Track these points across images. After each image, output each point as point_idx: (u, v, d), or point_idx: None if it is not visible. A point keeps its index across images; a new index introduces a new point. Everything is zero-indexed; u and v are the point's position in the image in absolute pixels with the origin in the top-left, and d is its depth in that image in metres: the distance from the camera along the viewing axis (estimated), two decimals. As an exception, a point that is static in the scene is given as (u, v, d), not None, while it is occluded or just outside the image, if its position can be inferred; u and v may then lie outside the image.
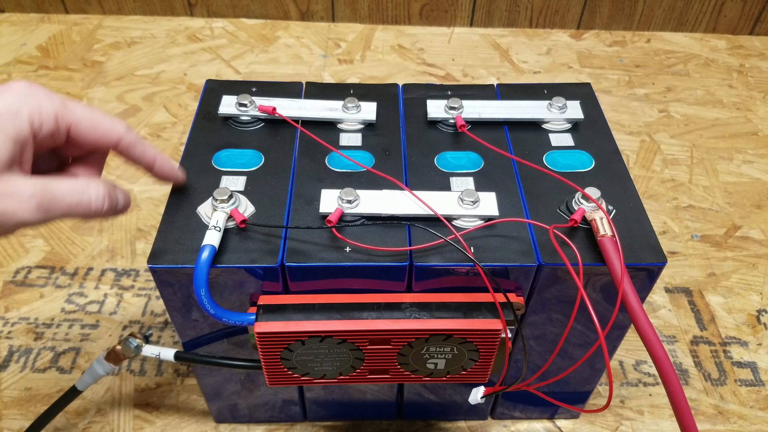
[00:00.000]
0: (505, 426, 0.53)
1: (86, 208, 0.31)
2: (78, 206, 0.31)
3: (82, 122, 0.32)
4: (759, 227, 0.70)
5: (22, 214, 0.28)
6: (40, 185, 0.29)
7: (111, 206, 0.33)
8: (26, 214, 0.28)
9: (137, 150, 0.35)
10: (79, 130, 0.32)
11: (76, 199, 0.31)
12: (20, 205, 0.28)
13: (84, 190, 0.31)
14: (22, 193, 0.28)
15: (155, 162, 0.36)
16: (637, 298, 0.34)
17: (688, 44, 0.98)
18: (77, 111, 0.32)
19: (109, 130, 0.33)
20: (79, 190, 0.31)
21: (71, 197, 0.30)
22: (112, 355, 0.43)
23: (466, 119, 0.45)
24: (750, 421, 0.54)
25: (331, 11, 0.98)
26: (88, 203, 0.31)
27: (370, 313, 0.36)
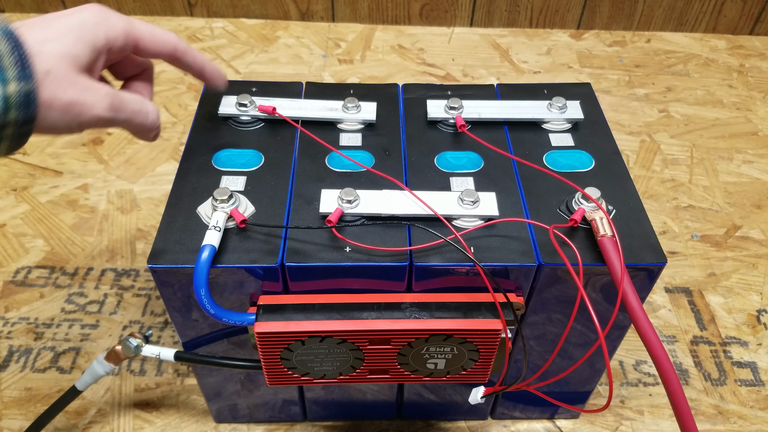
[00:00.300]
0: (505, 426, 0.53)
1: (145, 118, 0.36)
2: (139, 114, 0.35)
3: (145, 36, 0.36)
4: (759, 227, 0.70)
5: (97, 109, 0.33)
6: (112, 89, 0.34)
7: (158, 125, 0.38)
8: (101, 108, 0.33)
9: (189, 57, 0.39)
10: (143, 40, 0.36)
11: (138, 107, 0.35)
12: (97, 100, 0.32)
13: (143, 101, 0.36)
14: (99, 90, 0.33)
15: (205, 68, 0.40)
16: (637, 298, 0.34)
17: (688, 44, 0.98)
18: (141, 27, 0.36)
19: (166, 39, 0.37)
20: (140, 100, 0.36)
21: (135, 105, 0.35)
22: (112, 355, 0.43)
23: (466, 119, 0.45)
24: (750, 421, 0.54)
25: (331, 11, 0.98)
26: (146, 113, 0.36)
27: (370, 313, 0.36)
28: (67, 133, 0.34)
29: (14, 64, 0.29)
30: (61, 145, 0.77)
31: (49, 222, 0.68)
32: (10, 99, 0.29)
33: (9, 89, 0.29)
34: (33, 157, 0.75)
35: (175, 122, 0.80)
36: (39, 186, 0.71)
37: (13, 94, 0.29)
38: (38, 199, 0.70)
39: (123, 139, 0.78)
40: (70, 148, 0.76)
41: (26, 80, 0.30)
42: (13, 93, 0.29)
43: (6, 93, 0.29)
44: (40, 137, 0.77)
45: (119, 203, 0.70)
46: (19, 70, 0.29)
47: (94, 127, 0.34)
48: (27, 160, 0.74)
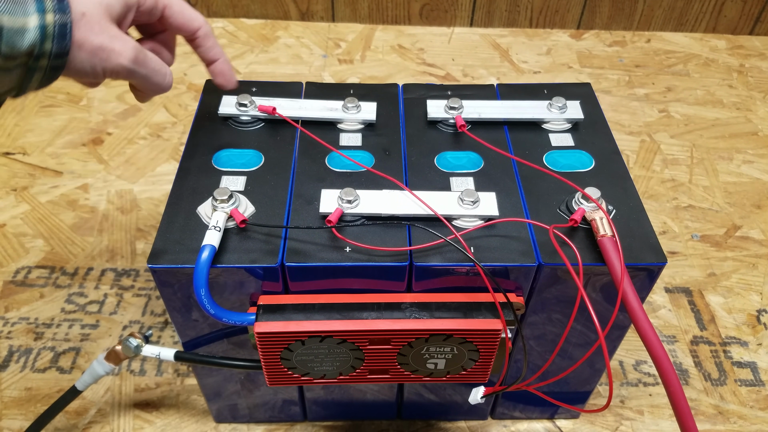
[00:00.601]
0: (505, 426, 0.53)
1: (162, 78, 0.38)
2: (158, 72, 0.37)
3: (174, 6, 0.38)
4: (759, 227, 0.70)
5: (123, 58, 0.34)
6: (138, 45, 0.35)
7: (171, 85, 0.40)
8: (126, 58, 0.34)
9: (207, 43, 0.41)
10: (171, 11, 0.38)
11: (159, 66, 0.37)
12: (124, 50, 0.34)
13: (163, 63, 0.38)
14: (127, 41, 0.34)
15: (217, 61, 0.42)
16: (637, 298, 0.34)
17: (688, 44, 0.98)
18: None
19: (193, 17, 0.39)
20: (160, 61, 0.37)
21: (155, 63, 0.37)
22: (112, 355, 0.43)
23: (466, 119, 0.45)
24: (750, 421, 0.54)
25: (331, 11, 0.98)
26: (165, 73, 0.38)
27: (370, 313, 0.36)
28: (91, 78, 0.35)
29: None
30: (61, 145, 0.77)
31: (49, 222, 0.68)
32: (48, 28, 0.31)
33: (47, 18, 0.31)
34: (33, 157, 0.75)
35: (175, 122, 0.80)
36: (39, 186, 0.71)
37: (50, 24, 0.31)
38: (38, 199, 0.70)
39: (123, 139, 0.78)
40: (70, 148, 0.76)
41: (63, 12, 0.31)
42: (50, 23, 0.31)
43: (44, 22, 0.31)
44: (40, 137, 0.77)
45: (119, 203, 0.70)
46: (57, 2, 0.31)
47: (115, 76, 0.35)
48: (27, 160, 0.75)
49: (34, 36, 0.31)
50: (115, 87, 0.85)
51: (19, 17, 0.30)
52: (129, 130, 0.79)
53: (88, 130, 0.79)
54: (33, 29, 0.30)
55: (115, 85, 0.85)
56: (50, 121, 0.80)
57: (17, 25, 0.30)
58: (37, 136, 0.78)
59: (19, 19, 0.30)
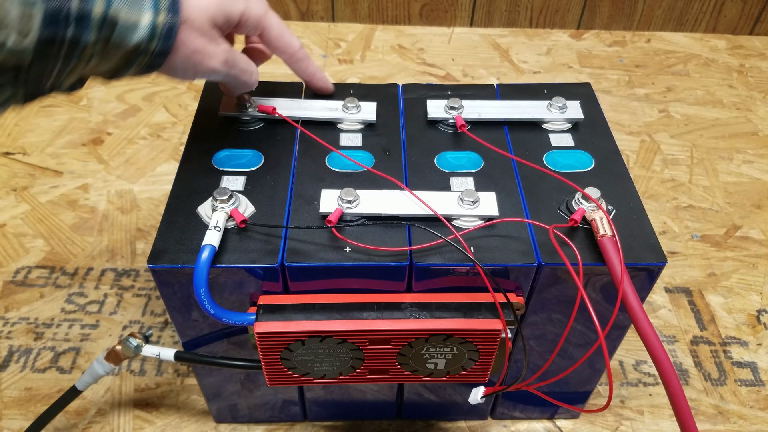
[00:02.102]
0: (505, 426, 0.53)
1: (249, 77, 0.40)
2: (246, 72, 0.40)
3: (273, 31, 0.41)
4: (759, 227, 0.70)
5: (215, 61, 0.36)
6: (230, 47, 0.38)
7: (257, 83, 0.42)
8: (217, 62, 0.37)
9: (303, 64, 0.44)
10: (269, 35, 0.41)
11: (247, 66, 0.40)
12: (217, 54, 0.36)
13: (251, 62, 0.40)
14: (221, 44, 0.37)
15: (314, 76, 0.46)
16: (637, 298, 0.34)
17: (688, 44, 0.98)
18: (273, 21, 0.40)
19: (289, 44, 0.42)
20: (248, 61, 0.40)
21: (244, 64, 0.39)
22: (112, 355, 0.43)
23: (466, 119, 0.45)
24: (750, 421, 0.54)
25: (331, 11, 0.98)
26: (251, 72, 0.40)
27: (370, 313, 0.36)
28: (182, 78, 0.36)
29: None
30: (61, 145, 0.77)
31: (49, 222, 0.68)
32: (158, 28, 0.32)
33: (159, 18, 0.32)
34: (33, 157, 0.75)
35: (175, 122, 0.80)
36: (39, 186, 0.71)
37: (161, 23, 0.32)
38: (38, 199, 0.70)
39: (123, 139, 0.78)
40: (70, 148, 0.76)
41: (174, 13, 0.32)
42: (161, 23, 0.32)
43: (156, 21, 0.31)
44: (40, 137, 0.77)
45: (119, 203, 0.70)
46: (171, 2, 0.32)
47: (207, 77, 0.38)
48: (27, 160, 0.75)
49: (144, 34, 0.31)
50: (116, 87, 0.85)
51: (135, 12, 0.31)
52: (129, 130, 0.79)
53: (88, 130, 0.79)
54: (144, 27, 0.31)
55: (115, 84, 0.86)
56: (50, 121, 0.80)
57: (131, 20, 0.30)
58: (37, 136, 0.78)
59: (134, 14, 0.31)
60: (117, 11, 0.30)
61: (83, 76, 0.33)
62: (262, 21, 0.39)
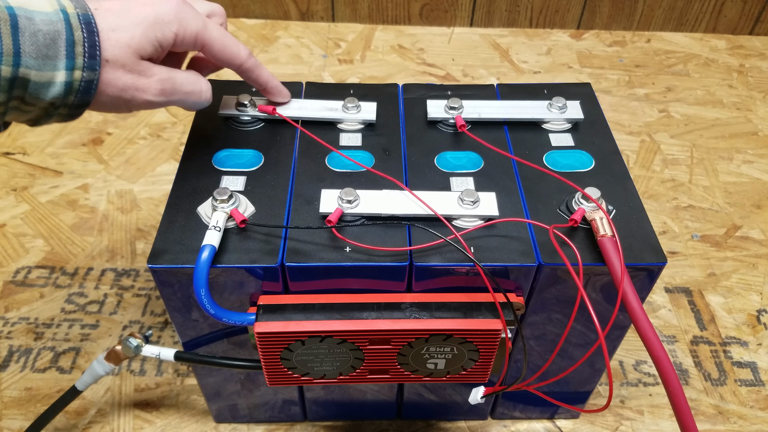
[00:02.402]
0: (505, 426, 0.53)
1: (198, 96, 0.38)
2: (192, 94, 0.37)
3: (215, 45, 0.38)
4: (759, 227, 0.70)
5: (148, 95, 0.35)
6: (166, 72, 0.36)
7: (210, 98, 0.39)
8: (151, 95, 0.35)
9: (254, 74, 0.41)
10: (211, 50, 0.38)
11: (191, 87, 0.37)
12: (149, 86, 0.34)
13: (196, 81, 0.38)
14: (153, 75, 0.35)
15: (267, 84, 0.43)
16: (637, 298, 0.34)
17: (688, 44, 0.98)
18: (213, 34, 0.37)
19: (234, 55, 0.39)
20: (193, 80, 0.37)
21: (187, 86, 0.37)
22: (112, 355, 0.43)
23: (466, 119, 0.45)
24: (750, 421, 0.54)
25: (331, 11, 0.98)
26: (200, 92, 0.38)
27: (370, 313, 0.36)
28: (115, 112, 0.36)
29: (83, 53, 0.31)
30: (61, 145, 0.77)
31: (49, 222, 0.68)
32: (74, 84, 0.31)
33: (74, 76, 0.31)
34: (33, 157, 0.75)
35: (175, 122, 0.80)
36: (39, 186, 0.71)
37: (77, 80, 0.31)
38: (38, 199, 0.70)
39: (123, 139, 0.78)
40: (70, 148, 0.76)
41: (92, 70, 0.32)
42: (77, 80, 0.31)
43: (71, 79, 0.31)
44: (40, 137, 0.77)
45: (119, 203, 0.70)
46: (87, 59, 0.31)
47: (145, 109, 0.36)
48: (27, 160, 0.75)
49: (59, 90, 0.31)
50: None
51: (47, 72, 0.30)
52: (129, 130, 0.79)
53: (88, 130, 0.79)
54: (59, 84, 0.31)
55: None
56: (50, 121, 0.80)
57: (44, 79, 0.30)
58: (37, 136, 0.78)
59: (47, 75, 0.30)
60: (27, 72, 0.30)
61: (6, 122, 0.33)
62: (200, 38, 0.36)
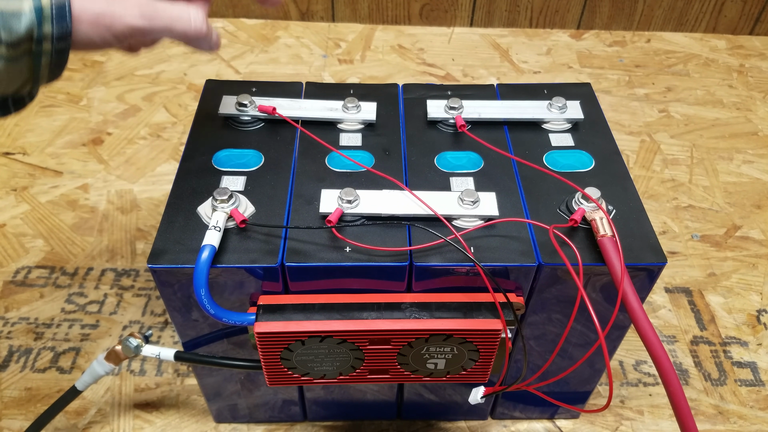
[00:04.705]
0: (505, 426, 0.53)
1: (186, 23, 0.34)
2: (179, 20, 0.34)
3: None
4: (759, 227, 0.70)
5: (128, 18, 0.32)
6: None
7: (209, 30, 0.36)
8: (131, 17, 0.32)
9: None
10: None
11: (176, 13, 0.34)
12: (126, 9, 0.32)
13: (184, 9, 0.34)
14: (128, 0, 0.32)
15: None
16: (637, 298, 0.34)
17: (688, 44, 0.98)
18: None
19: None
20: (179, 8, 0.34)
21: (172, 11, 0.34)
22: (112, 355, 0.43)
23: (466, 119, 0.45)
24: (750, 421, 0.54)
25: (331, 11, 0.98)
26: (188, 19, 0.34)
27: (370, 313, 0.36)
28: (107, 47, 0.33)
29: None
30: (61, 145, 0.77)
31: (49, 222, 0.68)
32: (44, 10, 0.29)
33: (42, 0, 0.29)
34: (33, 157, 0.75)
35: (175, 122, 0.80)
36: (39, 186, 0.71)
37: (46, 6, 0.29)
38: (38, 199, 0.70)
39: (123, 139, 0.78)
40: (70, 148, 0.76)
41: None
42: (46, 5, 0.29)
43: (39, 5, 0.29)
44: (40, 137, 0.77)
45: (119, 203, 0.70)
46: None
47: (133, 38, 0.33)
48: (27, 160, 0.75)
49: (31, 19, 0.29)
50: (115, 87, 0.85)
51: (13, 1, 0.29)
52: (129, 130, 0.79)
53: (88, 130, 0.79)
54: (29, 12, 0.29)
55: (115, 84, 0.86)
56: (50, 121, 0.80)
57: (11, 8, 0.29)
58: (37, 136, 0.78)
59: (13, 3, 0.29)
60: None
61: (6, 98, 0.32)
62: None
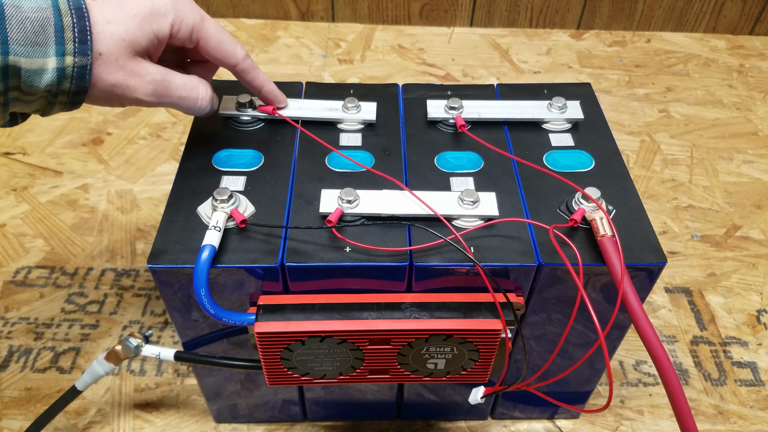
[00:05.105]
0: (505, 426, 0.53)
1: (193, 103, 0.37)
2: (187, 99, 0.37)
3: (211, 40, 0.37)
4: (759, 227, 0.70)
5: (139, 94, 0.34)
6: (161, 74, 0.35)
7: (211, 108, 0.39)
8: (142, 94, 0.34)
9: (249, 76, 0.41)
10: (207, 46, 0.37)
11: (186, 93, 0.37)
12: (141, 86, 0.34)
13: (195, 87, 0.37)
14: (146, 75, 0.34)
15: (262, 88, 0.42)
16: (637, 298, 0.34)
17: (688, 44, 0.98)
18: (210, 29, 0.37)
19: (230, 53, 0.39)
20: (191, 86, 0.37)
21: (182, 91, 0.36)
22: (112, 355, 0.43)
23: (466, 119, 0.45)
24: (750, 421, 0.54)
25: (331, 11, 0.98)
26: (195, 98, 0.37)
27: (370, 313, 0.36)
28: (109, 106, 0.35)
29: (73, 39, 0.31)
30: (61, 145, 0.77)
31: (49, 222, 0.68)
32: (66, 70, 0.31)
33: (66, 62, 0.31)
34: (33, 157, 0.75)
35: (175, 122, 0.80)
36: (39, 186, 0.71)
37: (69, 66, 0.31)
38: (38, 199, 0.70)
39: (123, 139, 0.78)
40: (70, 148, 0.76)
41: (83, 56, 0.32)
42: (69, 65, 0.31)
43: (63, 65, 0.31)
44: (40, 137, 0.77)
45: (119, 203, 0.70)
46: (78, 45, 0.31)
47: (140, 106, 0.36)
48: (27, 160, 0.75)
49: (52, 77, 0.31)
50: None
51: (38, 59, 0.31)
52: (129, 130, 0.79)
53: (88, 130, 0.79)
54: (51, 71, 0.31)
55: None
56: (50, 121, 0.80)
57: (35, 66, 0.31)
58: (37, 136, 0.78)
59: (38, 61, 0.31)
60: (17, 60, 0.30)
61: (16, 114, 0.34)
62: (196, 31, 0.36)
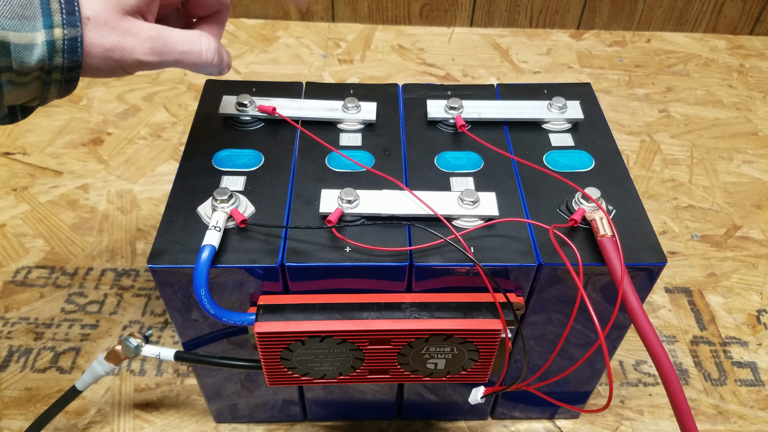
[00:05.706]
0: (505, 426, 0.53)
1: (197, 56, 0.35)
2: (190, 54, 0.34)
3: None
4: (759, 227, 0.70)
5: (138, 53, 0.32)
6: (157, 30, 0.33)
7: (219, 60, 0.36)
8: (142, 53, 0.32)
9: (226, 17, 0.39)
10: None
11: (188, 47, 0.34)
12: (138, 45, 0.32)
13: (196, 40, 0.35)
14: (140, 34, 0.32)
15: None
16: (637, 298, 0.34)
17: (688, 44, 0.98)
18: None
19: None
20: (191, 39, 0.34)
21: (183, 45, 0.34)
22: (112, 355, 0.43)
23: (466, 119, 0.45)
24: (750, 421, 0.54)
25: (331, 11, 0.98)
26: (199, 51, 0.35)
27: (370, 313, 0.36)
28: (115, 76, 0.34)
29: (60, 10, 0.30)
30: (61, 145, 0.77)
31: (49, 222, 0.68)
32: (56, 43, 0.30)
33: (55, 34, 0.30)
34: (33, 157, 0.75)
35: (175, 122, 0.80)
36: (39, 186, 0.71)
37: (59, 38, 0.30)
38: (38, 199, 0.70)
39: (123, 139, 0.78)
40: (70, 148, 0.76)
41: (73, 26, 0.30)
42: (59, 38, 0.30)
43: (52, 38, 0.30)
44: (40, 137, 0.77)
45: (119, 203, 0.70)
46: (65, 15, 0.30)
47: (142, 70, 0.34)
48: (27, 160, 0.75)
49: (42, 52, 0.30)
50: (115, 87, 0.85)
51: (26, 33, 0.29)
52: (129, 130, 0.79)
53: (88, 130, 0.79)
54: (41, 45, 0.30)
55: (115, 84, 0.86)
56: (50, 121, 0.80)
57: (24, 41, 0.29)
58: (37, 136, 0.78)
59: (26, 35, 0.29)
60: (5, 35, 0.29)
61: (14, 106, 0.33)
62: None
